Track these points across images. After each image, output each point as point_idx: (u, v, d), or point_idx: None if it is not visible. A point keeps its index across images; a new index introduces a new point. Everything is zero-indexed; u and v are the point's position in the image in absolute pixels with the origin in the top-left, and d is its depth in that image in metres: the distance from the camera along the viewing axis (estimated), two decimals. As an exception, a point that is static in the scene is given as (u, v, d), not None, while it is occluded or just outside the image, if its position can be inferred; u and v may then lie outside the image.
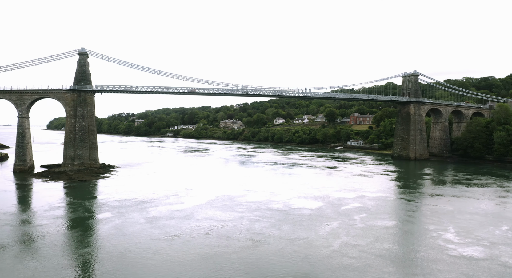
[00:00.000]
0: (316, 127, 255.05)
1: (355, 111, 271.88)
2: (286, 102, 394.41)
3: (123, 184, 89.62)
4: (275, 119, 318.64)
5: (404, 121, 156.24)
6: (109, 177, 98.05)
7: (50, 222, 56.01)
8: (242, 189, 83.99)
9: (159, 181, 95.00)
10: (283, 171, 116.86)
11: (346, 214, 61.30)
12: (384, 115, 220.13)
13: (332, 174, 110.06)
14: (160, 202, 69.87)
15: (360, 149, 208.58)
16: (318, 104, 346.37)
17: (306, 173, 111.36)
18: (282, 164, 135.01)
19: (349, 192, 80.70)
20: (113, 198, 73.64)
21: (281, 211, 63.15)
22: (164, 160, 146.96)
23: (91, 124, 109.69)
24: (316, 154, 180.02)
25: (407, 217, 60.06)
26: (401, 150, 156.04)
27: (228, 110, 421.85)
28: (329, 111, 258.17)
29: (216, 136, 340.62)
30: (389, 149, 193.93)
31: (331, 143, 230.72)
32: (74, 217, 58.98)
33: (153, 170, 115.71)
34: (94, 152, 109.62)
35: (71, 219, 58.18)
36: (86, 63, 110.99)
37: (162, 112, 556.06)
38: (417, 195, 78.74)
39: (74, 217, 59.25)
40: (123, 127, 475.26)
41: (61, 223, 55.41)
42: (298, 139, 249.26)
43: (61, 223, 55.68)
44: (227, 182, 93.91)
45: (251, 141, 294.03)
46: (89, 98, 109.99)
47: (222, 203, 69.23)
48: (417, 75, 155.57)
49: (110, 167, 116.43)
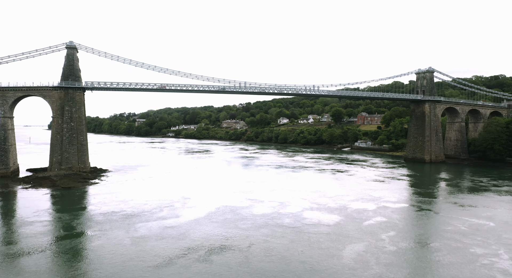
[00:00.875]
0: (322, 127, 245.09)
1: (362, 111, 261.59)
2: (290, 102, 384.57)
3: (112, 192, 79.97)
4: (279, 119, 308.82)
5: (418, 121, 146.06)
6: (97, 184, 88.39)
7: (8, 245, 46.37)
8: (246, 198, 74.19)
9: (153, 188, 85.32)
10: (290, 175, 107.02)
11: (371, 232, 51.38)
12: (394, 114, 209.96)
13: (344, 179, 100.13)
14: (151, 216, 60.15)
15: (368, 150, 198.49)
16: (323, 104, 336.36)
17: (316, 178, 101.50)
18: (288, 168, 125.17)
19: (368, 202, 70.78)
20: (97, 210, 63.98)
21: (293, 228, 53.29)
22: (162, 163, 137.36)
23: (80, 125, 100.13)
24: (323, 156, 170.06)
25: (444, 237, 50.07)
26: (415, 152, 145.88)
27: (231, 110, 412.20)
28: (335, 111, 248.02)
29: (218, 137, 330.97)
30: (400, 151, 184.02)
31: (338, 144, 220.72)
32: (43, 238, 49.24)
33: (149, 174, 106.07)
34: (83, 155, 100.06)
35: (39, 240, 48.46)
36: (75, 58, 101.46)
37: (164, 112, 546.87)
38: (446, 206, 68.72)
39: (43, 238, 49.50)
40: (124, 127, 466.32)
41: (22, 247, 45.67)
42: (303, 139, 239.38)
43: (23, 247, 45.92)
44: (228, 189, 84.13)
45: (254, 141, 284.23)
46: (78, 96, 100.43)
47: (224, 217, 59.46)
48: (432, 71, 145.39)
49: (102, 171, 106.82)
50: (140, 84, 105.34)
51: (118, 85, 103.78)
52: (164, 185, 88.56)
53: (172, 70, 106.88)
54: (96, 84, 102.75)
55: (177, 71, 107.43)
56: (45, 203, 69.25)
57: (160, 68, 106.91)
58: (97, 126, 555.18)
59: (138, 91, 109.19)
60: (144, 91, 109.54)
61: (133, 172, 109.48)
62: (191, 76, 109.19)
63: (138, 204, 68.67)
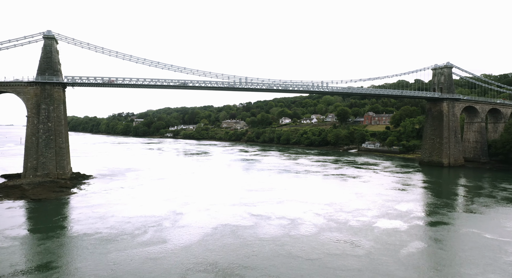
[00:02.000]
0: (326, 128, 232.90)
1: (368, 110, 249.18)
2: (292, 101, 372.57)
3: (90, 204, 67.77)
4: (281, 119, 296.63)
5: (435, 121, 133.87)
6: (75, 194, 76.08)
7: None
8: (249, 213, 62.00)
9: (141, 200, 73.12)
10: (296, 182, 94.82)
11: (416, 268, 39.16)
12: (404, 114, 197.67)
13: (359, 187, 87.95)
14: (132, 241, 47.96)
15: (377, 152, 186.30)
16: (327, 103, 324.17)
17: (327, 186, 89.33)
18: (294, 172, 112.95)
19: (396, 219, 58.62)
20: (65, 232, 51.82)
21: (312, 261, 41.07)
22: (155, 167, 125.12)
23: (58, 125, 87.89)
24: (329, 159, 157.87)
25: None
26: (432, 155, 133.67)
27: (231, 110, 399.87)
28: (341, 110, 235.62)
29: (218, 137, 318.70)
30: (412, 153, 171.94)
31: (344, 146, 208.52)
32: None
33: (138, 181, 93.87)
34: (62, 159, 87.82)
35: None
36: (53, 50, 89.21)
37: (163, 112, 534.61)
38: (491, 225, 56.47)
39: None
40: (121, 127, 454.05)
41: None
42: (307, 140, 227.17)
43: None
44: (228, 201, 71.93)
45: (255, 142, 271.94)
46: (57, 93, 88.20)
47: (222, 242, 47.26)
48: (450, 67, 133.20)
49: (84, 177, 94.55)
50: (128, 79, 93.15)
51: (103, 80, 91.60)
52: (154, 196, 76.35)
53: (164, 63, 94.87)
54: (77, 79, 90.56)
55: (170, 65, 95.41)
56: (2, 220, 56.95)
57: (151, 62, 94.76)
58: (95, 126, 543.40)
59: (126, 87, 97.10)
60: (133, 87, 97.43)
61: (120, 179, 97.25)
62: (186, 71, 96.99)
63: (119, 222, 56.51)
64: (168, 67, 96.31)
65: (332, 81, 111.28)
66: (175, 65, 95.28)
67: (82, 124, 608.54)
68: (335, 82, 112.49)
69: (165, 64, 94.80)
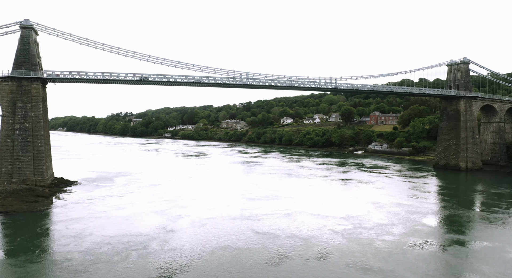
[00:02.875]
0: (330, 128, 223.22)
1: (373, 110, 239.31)
2: (293, 100, 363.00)
3: (67, 218, 58.12)
4: (282, 119, 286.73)
5: (451, 121, 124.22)
6: (52, 205, 66.34)
7: None
8: (252, 230, 52.36)
9: (127, 212, 63.48)
10: (303, 189, 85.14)
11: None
12: (413, 114, 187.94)
13: (374, 195, 78.33)
14: (109, 271, 38.36)
15: (385, 154, 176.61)
16: (330, 102, 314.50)
17: (338, 194, 79.67)
18: (298, 177, 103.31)
19: (428, 238, 48.99)
20: (27, 257, 42.15)
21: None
22: (149, 171, 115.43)
23: (37, 125, 78.15)
24: (334, 161, 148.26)
25: None
26: (448, 158, 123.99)
27: (231, 109, 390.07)
28: (345, 110, 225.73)
29: (217, 137, 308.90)
30: (422, 155, 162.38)
31: (349, 147, 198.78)
32: None
33: (127, 188, 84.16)
34: (41, 164, 78.09)
35: None
36: (32, 41, 79.46)
37: (162, 112, 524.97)
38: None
39: None
40: (119, 127, 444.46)
41: None
42: (310, 141, 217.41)
43: None
44: (227, 213, 62.28)
45: (255, 143, 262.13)
46: (35, 89, 78.44)
47: (221, 273, 37.62)
48: (467, 63, 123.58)
49: (67, 184, 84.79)
50: (115, 74, 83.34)
51: (87, 76, 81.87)
52: (143, 206, 66.69)
53: (155, 57, 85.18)
54: (59, 74, 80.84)
55: (162, 58, 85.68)
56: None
57: (141, 55, 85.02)
58: (92, 126, 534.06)
59: (114, 83, 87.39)
60: (121, 84, 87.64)
61: (108, 185, 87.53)
62: (180, 65, 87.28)
63: (97, 243, 46.88)
64: (161, 61, 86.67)
65: (341, 78, 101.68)
66: (168, 59, 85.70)
67: (79, 124, 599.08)
68: (344, 78, 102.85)
69: (157, 57, 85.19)
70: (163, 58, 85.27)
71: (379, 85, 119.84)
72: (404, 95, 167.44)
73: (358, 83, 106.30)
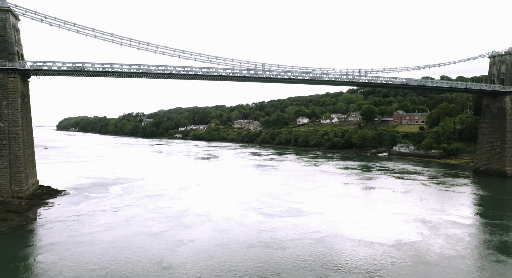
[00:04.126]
0: (349, 128, 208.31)
1: (396, 109, 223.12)
2: (308, 100, 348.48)
3: (38, 245, 45.55)
4: (298, 119, 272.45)
5: (495, 120, 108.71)
6: (23, 225, 53.80)
7: None
8: (274, 267, 38.91)
9: (116, 235, 50.69)
10: (329, 201, 71.25)
11: None
12: (443, 112, 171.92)
13: (419, 209, 64.12)
14: None
15: (412, 156, 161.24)
16: (347, 101, 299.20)
17: (373, 209, 65.60)
18: (320, 184, 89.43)
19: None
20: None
21: None
22: (151, 177, 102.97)
23: (14, 126, 66.03)
24: (358, 165, 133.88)
25: None
26: (491, 163, 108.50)
27: (244, 109, 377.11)
28: (366, 109, 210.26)
29: (230, 138, 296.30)
30: (455, 158, 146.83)
31: (372, 149, 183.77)
32: None
33: (121, 200, 71.47)
34: (19, 171, 65.95)
35: None
36: (9, 26, 67.39)
37: (174, 112, 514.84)
38: None
39: None
40: (129, 127, 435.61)
41: None
42: (328, 142, 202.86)
43: None
44: (239, 238, 49.00)
45: (269, 144, 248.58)
46: (12, 83, 66.34)
47: None
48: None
49: (51, 194, 72.50)
50: (108, 65, 70.67)
51: (74, 67, 69.44)
52: (138, 227, 53.81)
53: (155, 45, 72.42)
54: (42, 65, 68.61)
55: (163, 47, 72.76)
56: None
57: (139, 42, 72.23)
58: (103, 127, 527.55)
59: (109, 76, 75.06)
60: (116, 76, 75.16)
61: (101, 195, 74.97)
62: (185, 55, 74.30)
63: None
64: (162, 51, 73.88)
65: (371, 70, 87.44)
66: (171, 48, 72.76)
67: (91, 125, 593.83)
68: (374, 71, 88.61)
69: (157, 46, 72.38)
70: (164, 46, 72.58)
71: (419, 79, 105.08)
72: (448, 91, 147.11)
73: (392, 77, 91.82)
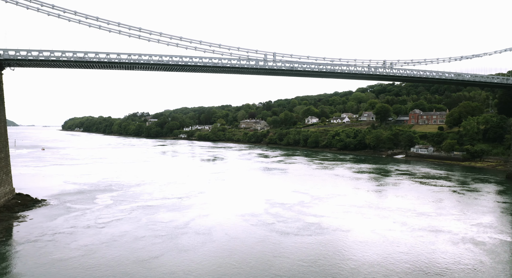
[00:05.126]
0: (362, 128, 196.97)
1: (411, 107, 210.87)
2: (317, 99, 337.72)
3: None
4: (307, 119, 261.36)
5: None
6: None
7: None
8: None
9: (92, 265, 40.32)
10: (353, 214, 60.41)
11: None
12: (464, 111, 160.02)
13: (461, 225, 53.15)
14: None
15: (432, 159, 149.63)
16: (358, 100, 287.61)
17: (408, 225, 54.61)
18: (337, 191, 78.51)
19: None
20: None
21: None
22: (147, 183, 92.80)
23: (-20, 126, 56.06)
24: (374, 168, 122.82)
25: None
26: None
27: (250, 109, 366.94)
28: (380, 108, 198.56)
29: (236, 139, 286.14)
30: (479, 160, 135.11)
31: (387, 150, 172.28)
32: None
33: (108, 214, 61.19)
34: (-13, 180, 56.01)
35: None
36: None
37: (180, 112, 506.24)
38: None
39: None
40: (133, 127, 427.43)
41: None
42: (340, 143, 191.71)
43: None
44: (246, 268, 38.42)
45: (277, 145, 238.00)
46: (-22, 75, 56.34)
47: None
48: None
49: (27, 205, 62.36)
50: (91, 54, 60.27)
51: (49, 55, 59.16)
52: (123, 250, 43.41)
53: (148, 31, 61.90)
54: (15, 54, 58.49)
55: (158, 33, 62.31)
56: None
57: (129, 28, 61.80)
58: (108, 127, 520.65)
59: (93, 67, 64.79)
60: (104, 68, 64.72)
61: (85, 207, 64.70)
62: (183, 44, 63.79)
63: None
64: (157, 39, 63.49)
65: (398, 61, 76.34)
66: (166, 34, 62.15)
67: (95, 125, 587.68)
68: (401, 63, 77.50)
69: (151, 31, 61.94)
70: (159, 32, 62.02)
71: (459, 73, 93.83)
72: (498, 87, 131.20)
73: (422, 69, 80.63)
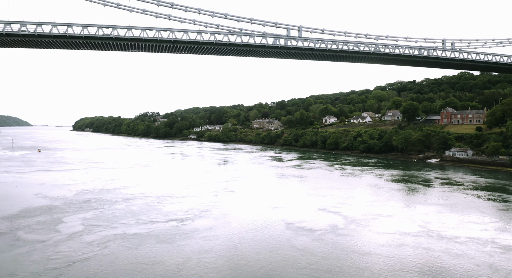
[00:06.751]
0: (387, 129, 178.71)
1: (441, 105, 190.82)
2: (334, 98, 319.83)
3: None
4: (324, 118, 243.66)
5: None
6: None
7: None
8: None
9: None
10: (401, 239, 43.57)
11: None
12: (508, 109, 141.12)
13: None
14: None
15: (472, 164, 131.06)
16: (378, 99, 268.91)
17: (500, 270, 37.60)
18: (378, 212, 61.56)
19: None
20: None
21: None
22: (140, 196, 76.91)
23: None
24: (408, 175, 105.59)
25: None
26: None
27: (263, 108, 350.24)
28: (408, 106, 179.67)
29: (248, 139, 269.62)
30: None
31: (418, 153, 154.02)
32: None
33: (68, 248, 45.39)
34: None
35: None
36: None
37: (191, 112, 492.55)
38: None
39: None
40: (142, 127, 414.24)
41: None
42: (363, 145, 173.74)
43: None
44: None
45: (292, 146, 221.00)
46: None
47: None
48: None
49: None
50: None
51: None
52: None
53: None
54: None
55: None
56: None
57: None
58: (117, 127, 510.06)
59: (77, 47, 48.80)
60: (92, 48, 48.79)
61: (40, 238, 48.91)
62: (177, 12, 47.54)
63: None
64: (143, 9, 47.17)
65: (461, 40, 58.99)
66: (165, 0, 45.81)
67: (105, 125, 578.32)
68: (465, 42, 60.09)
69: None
70: None
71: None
72: None
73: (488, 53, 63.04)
